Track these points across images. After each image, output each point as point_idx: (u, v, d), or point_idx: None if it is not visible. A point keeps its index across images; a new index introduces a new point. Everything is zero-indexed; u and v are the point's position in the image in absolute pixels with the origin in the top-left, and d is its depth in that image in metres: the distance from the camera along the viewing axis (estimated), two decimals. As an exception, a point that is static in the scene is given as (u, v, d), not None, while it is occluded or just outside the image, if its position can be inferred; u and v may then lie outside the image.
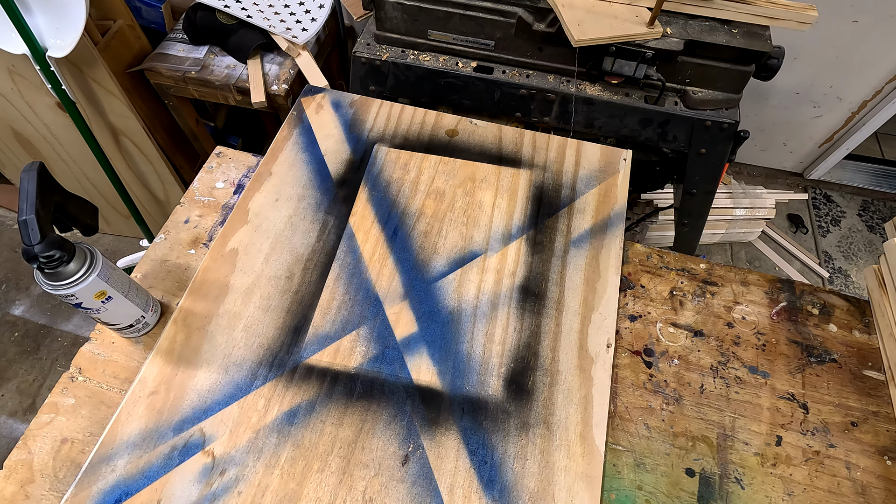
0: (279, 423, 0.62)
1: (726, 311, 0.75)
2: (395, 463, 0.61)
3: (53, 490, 0.59)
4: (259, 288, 0.72)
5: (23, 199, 0.53)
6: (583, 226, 0.80)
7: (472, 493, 0.59)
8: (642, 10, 1.03)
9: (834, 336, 0.73)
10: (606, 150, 0.89)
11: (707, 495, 0.62)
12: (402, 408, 0.64)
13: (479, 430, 0.63)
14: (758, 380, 0.69)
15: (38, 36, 1.12)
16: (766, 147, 2.14)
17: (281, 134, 0.88)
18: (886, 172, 2.26)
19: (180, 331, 0.68)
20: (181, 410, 0.63)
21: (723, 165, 1.21)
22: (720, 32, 1.03)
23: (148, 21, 1.45)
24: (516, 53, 1.14)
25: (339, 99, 0.94)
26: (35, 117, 1.42)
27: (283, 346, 0.68)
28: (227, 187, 0.85)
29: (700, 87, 1.11)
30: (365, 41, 1.20)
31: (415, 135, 0.90)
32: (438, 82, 1.18)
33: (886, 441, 0.66)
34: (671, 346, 0.72)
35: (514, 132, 0.91)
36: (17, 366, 1.64)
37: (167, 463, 0.60)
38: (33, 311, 1.74)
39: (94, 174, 1.59)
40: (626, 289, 0.77)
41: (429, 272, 0.75)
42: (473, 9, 1.08)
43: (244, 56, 1.35)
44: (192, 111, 1.54)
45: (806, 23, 1.00)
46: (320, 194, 0.82)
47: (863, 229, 2.12)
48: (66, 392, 0.65)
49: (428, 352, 0.68)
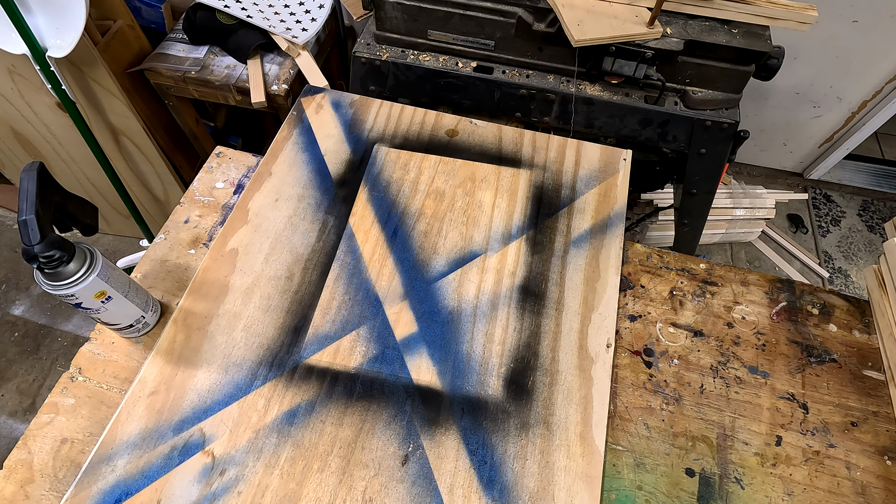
0: (279, 423, 0.63)
1: (726, 311, 0.75)
2: (394, 463, 0.61)
3: (53, 490, 0.59)
4: (259, 288, 0.72)
5: (23, 199, 0.53)
6: (583, 226, 0.80)
7: (472, 493, 0.59)
8: (642, 10, 1.03)
9: (834, 336, 0.73)
10: (606, 150, 0.89)
11: (707, 495, 0.62)
12: (402, 408, 0.64)
13: (478, 430, 0.63)
14: (758, 380, 0.69)
15: (38, 36, 1.12)
16: (766, 147, 2.14)
17: (281, 134, 0.89)
18: (886, 172, 2.26)
19: (180, 331, 0.68)
20: (181, 410, 0.63)
21: (723, 165, 1.21)
22: (720, 32, 1.03)
23: (148, 21, 1.45)
24: (516, 53, 1.14)
25: (338, 99, 0.94)
26: (35, 117, 1.42)
27: (282, 346, 0.68)
28: (227, 187, 0.85)
29: (700, 87, 1.11)
30: (365, 41, 1.20)
31: (415, 135, 0.90)
32: (438, 82, 1.18)
33: (886, 441, 0.66)
34: (671, 346, 0.72)
35: (513, 132, 0.91)
36: (17, 366, 1.64)
37: (167, 463, 0.60)
38: (33, 311, 1.74)
39: (94, 174, 1.59)
40: (626, 289, 0.77)
41: (429, 272, 0.75)
42: (473, 9, 1.08)
43: (244, 56, 1.35)
44: (191, 111, 1.54)
45: (806, 23, 1.00)
46: (320, 194, 0.82)
47: (863, 229, 2.12)
48: (66, 392, 0.65)
49: (428, 352, 0.68)
